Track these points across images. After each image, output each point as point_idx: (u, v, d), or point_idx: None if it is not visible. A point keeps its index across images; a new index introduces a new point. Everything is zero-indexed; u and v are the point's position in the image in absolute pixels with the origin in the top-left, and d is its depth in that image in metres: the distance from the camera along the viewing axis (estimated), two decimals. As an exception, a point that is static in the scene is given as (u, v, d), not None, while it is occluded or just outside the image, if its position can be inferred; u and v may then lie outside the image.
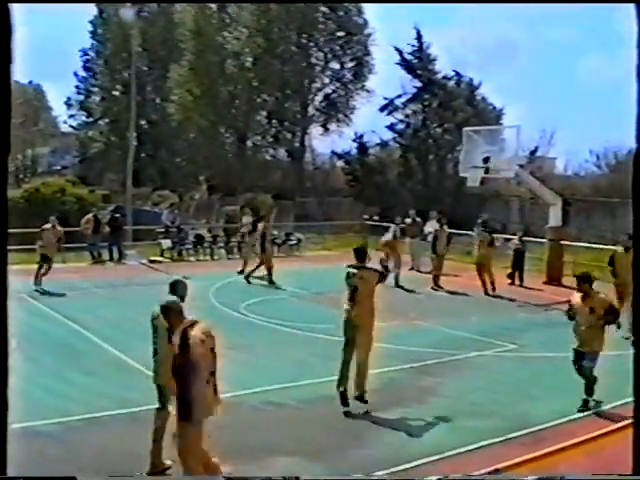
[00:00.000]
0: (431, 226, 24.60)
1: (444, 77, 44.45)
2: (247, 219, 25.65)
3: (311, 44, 48.34)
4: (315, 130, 50.37)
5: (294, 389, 10.78)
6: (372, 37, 48.19)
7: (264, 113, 49.56)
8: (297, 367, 12.04)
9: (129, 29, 39.61)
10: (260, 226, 21.65)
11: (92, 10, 52.68)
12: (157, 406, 7.92)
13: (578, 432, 9.11)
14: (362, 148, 46.32)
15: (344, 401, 9.93)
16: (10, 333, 12.11)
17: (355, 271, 10.27)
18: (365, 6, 47.68)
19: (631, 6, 4.59)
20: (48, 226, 20.70)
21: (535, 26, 72.39)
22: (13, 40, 4.06)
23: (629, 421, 6.91)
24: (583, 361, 10.27)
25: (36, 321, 15.27)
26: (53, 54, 73.46)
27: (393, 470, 7.93)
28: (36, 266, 19.78)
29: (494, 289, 20.59)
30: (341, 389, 9.98)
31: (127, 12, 40.57)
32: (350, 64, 49.14)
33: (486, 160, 22.10)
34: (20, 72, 54.34)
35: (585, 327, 10.40)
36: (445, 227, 22.49)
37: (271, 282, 20.61)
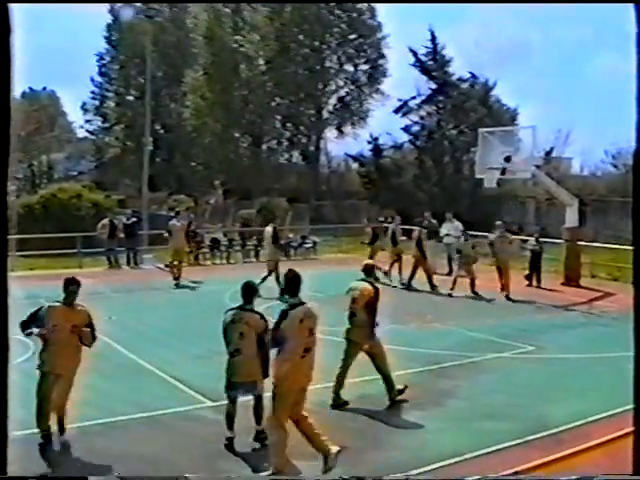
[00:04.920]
0: (446, 228, 24.41)
1: (459, 79, 44.38)
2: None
3: (325, 47, 48.37)
4: (330, 133, 50.49)
5: (311, 393, 10.75)
6: (385, 39, 48.25)
7: (279, 117, 49.64)
8: (314, 371, 12.00)
9: (142, 34, 39.77)
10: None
11: (106, 16, 53.01)
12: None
13: (596, 434, 9.03)
14: (377, 150, 46.28)
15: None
16: (29, 338, 12.13)
17: None
18: (378, 8, 47.76)
19: (630, 6, 4.54)
20: (178, 224, 21.88)
21: (548, 26, 72.07)
22: (12, 40, 4.06)
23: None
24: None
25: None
26: (67, 60, 73.94)
27: (411, 473, 7.90)
28: (53, 271, 19.80)
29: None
30: None
31: (136, 16, 40.75)
32: (364, 67, 49.15)
33: (507, 159, 21.96)
34: (34, 78, 54.85)
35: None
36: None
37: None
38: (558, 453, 8.40)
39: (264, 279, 18.73)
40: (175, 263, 21.52)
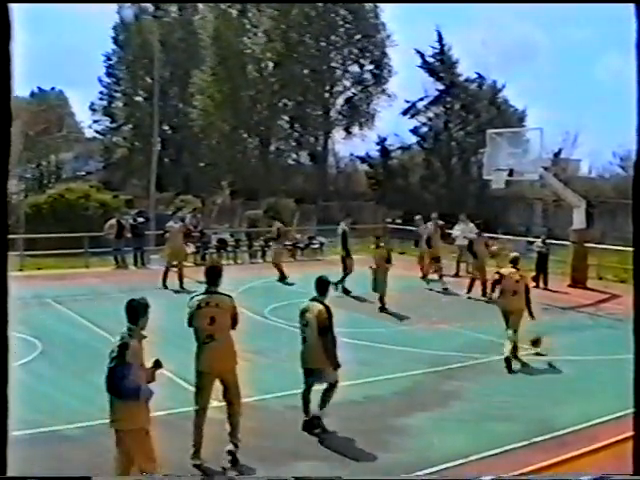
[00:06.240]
0: (460, 229, 24.23)
1: (466, 80, 44.36)
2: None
3: (331, 47, 48.40)
4: (337, 134, 50.45)
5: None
6: (391, 39, 48.29)
7: (286, 117, 49.67)
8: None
9: (150, 35, 39.88)
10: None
11: (114, 16, 53.11)
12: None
13: (602, 436, 9.01)
14: (384, 151, 46.28)
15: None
16: (35, 337, 12.18)
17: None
18: (383, 8, 47.77)
19: (631, 6, 4.54)
20: (176, 226, 21.63)
21: (555, 27, 71.89)
22: (13, 40, 4.08)
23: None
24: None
25: (61, 326, 15.34)
26: (75, 60, 74.12)
27: (417, 474, 7.90)
28: (61, 271, 19.83)
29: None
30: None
31: (143, 16, 40.76)
32: (370, 67, 49.12)
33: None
34: (43, 78, 55.01)
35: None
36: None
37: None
38: (563, 455, 8.39)
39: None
40: (174, 263, 21.32)
